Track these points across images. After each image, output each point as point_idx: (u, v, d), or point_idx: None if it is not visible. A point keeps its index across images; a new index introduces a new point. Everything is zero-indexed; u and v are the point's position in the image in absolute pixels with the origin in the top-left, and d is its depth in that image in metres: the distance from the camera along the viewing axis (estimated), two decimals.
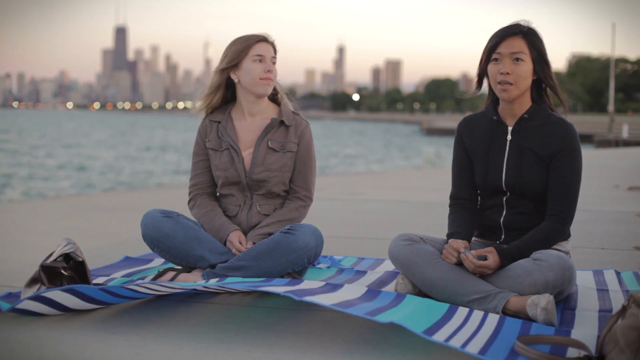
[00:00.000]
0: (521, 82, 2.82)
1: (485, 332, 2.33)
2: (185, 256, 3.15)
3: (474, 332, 2.32)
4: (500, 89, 2.83)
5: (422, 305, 2.52)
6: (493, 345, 2.20)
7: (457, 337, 2.23)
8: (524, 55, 2.80)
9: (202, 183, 3.36)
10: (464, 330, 2.33)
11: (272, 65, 3.26)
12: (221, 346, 2.33)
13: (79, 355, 2.26)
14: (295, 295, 2.33)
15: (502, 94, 2.85)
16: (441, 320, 2.39)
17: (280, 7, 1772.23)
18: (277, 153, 3.27)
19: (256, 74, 3.23)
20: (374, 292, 2.66)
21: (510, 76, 2.80)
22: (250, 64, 3.23)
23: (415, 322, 2.27)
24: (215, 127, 3.34)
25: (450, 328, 2.32)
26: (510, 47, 2.80)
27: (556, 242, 2.85)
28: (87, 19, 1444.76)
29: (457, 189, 3.03)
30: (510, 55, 2.80)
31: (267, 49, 3.26)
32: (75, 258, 2.81)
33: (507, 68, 2.80)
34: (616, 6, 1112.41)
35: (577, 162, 2.85)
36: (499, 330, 2.37)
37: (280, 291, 2.37)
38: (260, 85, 3.24)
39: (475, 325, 2.40)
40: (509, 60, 2.81)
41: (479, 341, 2.23)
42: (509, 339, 2.27)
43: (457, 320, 2.42)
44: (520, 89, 2.83)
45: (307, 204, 3.33)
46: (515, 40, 2.81)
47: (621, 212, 6.06)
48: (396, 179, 11.17)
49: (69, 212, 6.35)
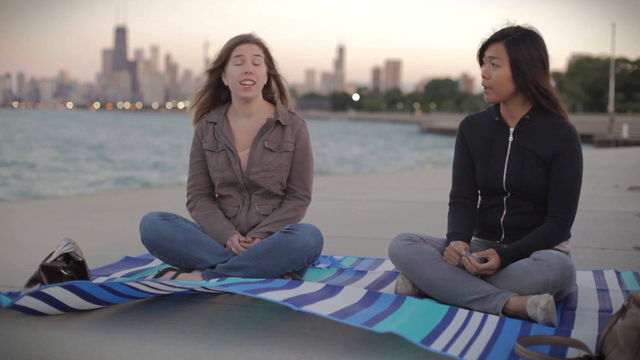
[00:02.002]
0: (498, 87, 2.84)
1: (485, 335, 2.33)
2: (185, 259, 3.15)
3: (473, 336, 2.31)
4: (484, 91, 2.89)
5: (421, 309, 2.51)
6: (492, 350, 2.20)
7: (456, 343, 2.22)
8: (500, 61, 2.82)
9: (200, 184, 3.36)
10: (463, 334, 2.32)
11: (252, 65, 3.21)
12: (221, 346, 2.33)
13: (79, 355, 2.26)
14: (293, 305, 2.32)
15: (485, 97, 2.90)
16: (440, 324, 2.39)
17: (280, 7, 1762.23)
18: (274, 153, 3.27)
19: (236, 77, 3.21)
20: (373, 294, 2.65)
21: (487, 81, 2.86)
22: (232, 68, 3.23)
23: (413, 329, 2.26)
24: (211, 128, 3.33)
25: (449, 333, 2.31)
26: (490, 51, 2.85)
27: (557, 243, 2.85)
28: (87, 19, 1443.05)
29: (457, 187, 3.03)
30: (489, 59, 2.85)
31: (248, 49, 3.22)
32: (75, 258, 2.81)
33: (485, 72, 2.86)
34: (616, 6, 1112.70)
35: (578, 164, 2.85)
36: (498, 332, 2.36)
37: (279, 300, 2.36)
38: (240, 90, 3.22)
39: (475, 328, 2.40)
40: (489, 65, 2.86)
41: (479, 346, 2.22)
42: (508, 341, 2.27)
43: (457, 324, 2.42)
44: (498, 94, 2.86)
45: (305, 204, 3.33)
46: (495, 46, 2.84)
47: (621, 212, 6.06)
48: (396, 179, 11.17)
49: (69, 212, 6.35)
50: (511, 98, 2.88)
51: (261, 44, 3.28)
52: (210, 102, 3.36)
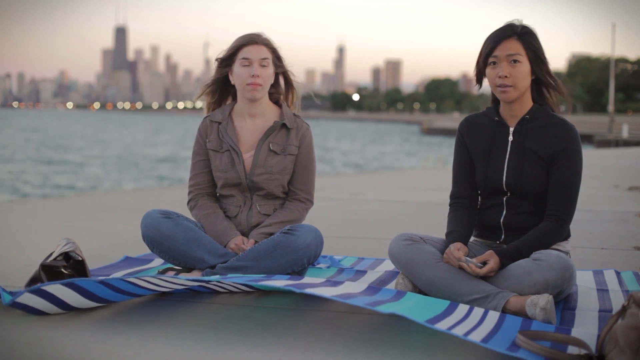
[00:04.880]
0: (520, 83, 2.83)
1: (487, 326, 2.34)
2: (185, 257, 3.15)
3: (475, 325, 2.32)
4: (500, 91, 2.84)
5: (422, 301, 2.52)
6: (495, 337, 2.21)
7: (459, 327, 2.24)
8: (520, 56, 2.81)
9: (202, 183, 3.36)
10: (465, 323, 2.33)
11: (259, 68, 3.20)
12: (221, 346, 2.33)
13: (79, 355, 2.26)
14: (296, 288, 2.32)
15: (502, 96, 2.86)
16: (442, 314, 2.40)
17: (280, 6, 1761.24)
18: (278, 156, 3.27)
19: (242, 79, 3.21)
20: (375, 288, 2.66)
21: (508, 79, 2.82)
22: (238, 68, 3.23)
23: (416, 313, 2.28)
24: (215, 128, 3.33)
25: (451, 320, 2.32)
26: (506, 49, 2.81)
27: (555, 242, 2.85)
28: (87, 19, 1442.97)
29: (457, 187, 3.03)
30: (506, 58, 2.81)
31: (255, 51, 3.22)
32: (75, 257, 2.81)
33: (504, 71, 2.81)
34: (616, 6, 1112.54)
35: (578, 163, 2.85)
36: (499, 325, 2.37)
37: (281, 285, 2.37)
38: (247, 91, 3.22)
39: (476, 320, 2.41)
40: (505, 63, 2.82)
41: (481, 332, 2.23)
42: (510, 333, 2.28)
43: (458, 315, 2.43)
44: (519, 90, 2.84)
45: (307, 207, 3.34)
46: (510, 43, 2.82)
47: (621, 212, 6.06)
48: (396, 179, 11.16)
49: (69, 212, 6.35)
50: (522, 95, 2.88)
51: (269, 45, 3.27)
52: (219, 94, 3.37)
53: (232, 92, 3.40)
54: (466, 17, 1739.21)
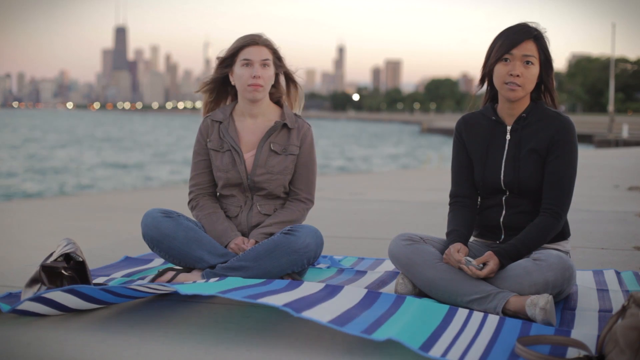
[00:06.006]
0: (528, 84, 2.84)
1: (485, 336, 2.33)
2: (185, 257, 3.15)
3: (473, 337, 2.31)
4: (508, 88, 2.84)
5: (420, 310, 2.50)
6: (492, 351, 2.20)
7: (456, 346, 2.22)
8: (534, 58, 2.82)
9: (202, 183, 3.36)
10: (463, 336, 2.32)
11: (260, 69, 3.20)
12: (221, 346, 2.33)
13: (79, 355, 2.26)
14: (293, 311, 2.31)
15: (508, 94, 2.85)
16: (440, 325, 2.38)
17: (280, 7, 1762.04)
18: (279, 156, 3.27)
19: (244, 80, 3.21)
20: (373, 295, 2.64)
21: (519, 79, 2.82)
22: (239, 69, 3.22)
23: (412, 333, 2.26)
24: (216, 128, 3.33)
25: (449, 335, 2.31)
26: (523, 50, 2.81)
27: (551, 236, 2.84)
28: (87, 19, 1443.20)
29: (456, 187, 3.03)
30: (522, 57, 2.81)
31: (256, 52, 3.21)
32: (76, 258, 2.81)
33: (517, 70, 2.81)
34: (616, 6, 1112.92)
35: (572, 155, 2.85)
36: (498, 332, 2.36)
37: (279, 304, 2.35)
38: (248, 92, 3.22)
39: (475, 328, 2.40)
40: (520, 63, 2.82)
41: (479, 348, 2.22)
42: (508, 341, 2.27)
43: (457, 325, 2.42)
44: (525, 91, 2.86)
45: (308, 207, 3.34)
46: (528, 44, 2.82)
47: (621, 212, 6.06)
48: (396, 179, 11.16)
49: (69, 212, 6.35)
50: (525, 95, 2.89)
51: (270, 46, 3.27)
52: (218, 93, 3.37)
53: (231, 92, 3.40)
54: (466, 17, 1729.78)
